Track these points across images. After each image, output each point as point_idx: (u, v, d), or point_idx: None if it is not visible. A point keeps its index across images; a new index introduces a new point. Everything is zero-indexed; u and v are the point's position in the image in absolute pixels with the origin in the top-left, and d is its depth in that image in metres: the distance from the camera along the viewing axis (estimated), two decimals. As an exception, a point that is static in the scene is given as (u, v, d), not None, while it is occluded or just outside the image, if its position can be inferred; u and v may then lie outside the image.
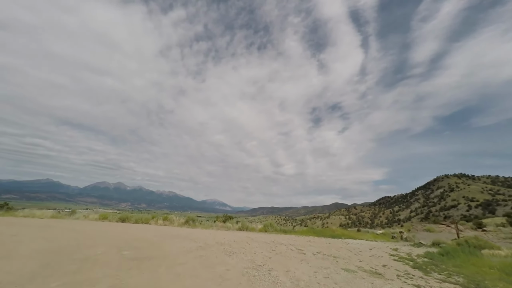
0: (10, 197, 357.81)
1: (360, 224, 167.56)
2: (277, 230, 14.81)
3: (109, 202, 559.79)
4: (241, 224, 15.06)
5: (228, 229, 14.58)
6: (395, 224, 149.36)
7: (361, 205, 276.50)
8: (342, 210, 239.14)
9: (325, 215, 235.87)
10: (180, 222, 14.21)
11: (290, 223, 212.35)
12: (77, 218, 12.88)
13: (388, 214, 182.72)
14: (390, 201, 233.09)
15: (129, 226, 11.05)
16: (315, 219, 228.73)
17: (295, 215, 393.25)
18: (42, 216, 12.36)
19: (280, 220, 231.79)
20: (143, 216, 13.29)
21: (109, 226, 10.01)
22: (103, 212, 13.70)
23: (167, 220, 13.90)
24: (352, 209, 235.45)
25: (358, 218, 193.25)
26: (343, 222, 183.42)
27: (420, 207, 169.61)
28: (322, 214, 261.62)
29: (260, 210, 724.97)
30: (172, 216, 14.29)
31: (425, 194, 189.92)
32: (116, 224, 11.46)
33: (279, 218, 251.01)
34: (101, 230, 8.59)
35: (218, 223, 16.28)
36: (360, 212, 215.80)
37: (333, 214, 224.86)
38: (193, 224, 14.28)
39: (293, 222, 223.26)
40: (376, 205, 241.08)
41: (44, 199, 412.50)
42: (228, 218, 22.15)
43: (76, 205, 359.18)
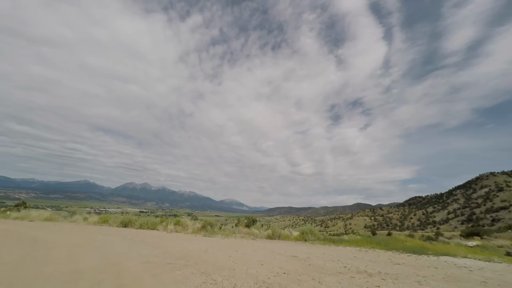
0: (56, 196, 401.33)
1: (388, 226, 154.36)
2: (320, 238, 11.12)
3: (137, 201, 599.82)
4: (271, 230, 11.69)
5: (254, 237, 11.33)
6: (430, 226, 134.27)
7: (387, 205, 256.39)
8: (367, 211, 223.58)
9: (347, 216, 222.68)
10: (195, 227, 11.33)
11: (309, 224, 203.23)
12: (73, 221, 10.66)
13: (421, 216, 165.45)
14: (421, 202, 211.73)
15: (126, 234, 8.35)
16: (336, 219, 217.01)
17: (314, 216, 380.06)
18: (34, 218, 10.44)
19: (298, 221, 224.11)
20: (150, 220, 10.63)
21: (95, 234, 7.37)
22: (105, 215, 11.35)
23: (179, 225, 11.12)
24: (378, 209, 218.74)
25: (385, 220, 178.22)
26: (368, 223, 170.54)
27: (460, 208, 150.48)
28: (344, 215, 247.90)
29: (277, 210, 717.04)
30: (185, 220, 11.48)
31: (465, 194, 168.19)
32: (112, 231, 8.85)
33: (297, 218, 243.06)
34: (73, 242, 5.86)
35: (240, 228, 13.15)
36: (387, 213, 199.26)
37: (356, 215, 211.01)
38: (211, 230, 11.30)
39: (313, 222, 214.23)
40: (405, 205, 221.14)
41: (82, 198, 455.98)
42: (252, 221, 18.97)
43: (108, 204, 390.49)
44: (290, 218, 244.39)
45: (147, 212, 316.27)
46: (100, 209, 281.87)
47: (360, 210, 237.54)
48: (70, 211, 12.63)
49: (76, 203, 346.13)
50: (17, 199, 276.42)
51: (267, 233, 11.91)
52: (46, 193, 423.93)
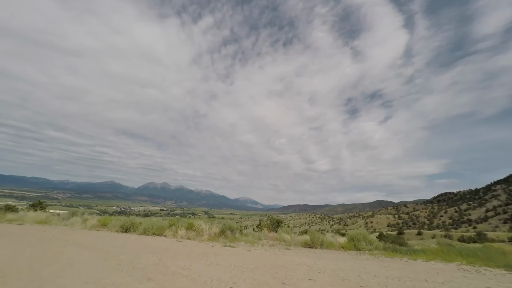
0: (87, 196, 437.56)
1: (415, 225, 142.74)
2: (379, 247, 8.09)
3: (157, 200, 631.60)
4: (309, 236, 8.91)
5: (287, 245, 8.71)
6: (464, 225, 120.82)
7: (412, 202, 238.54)
8: (389, 208, 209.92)
9: (368, 214, 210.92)
10: (212, 232, 8.99)
11: (327, 222, 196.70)
12: (67, 225, 8.90)
13: (453, 213, 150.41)
14: (453, 198, 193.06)
15: (118, 244, 6.14)
16: (355, 217, 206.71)
17: (331, 213, 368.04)
18: (28, 221, 8.91)
19: (315, 219, 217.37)
20: (156, 223, 8.48)
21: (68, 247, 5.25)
22: (106, 217, 9.45)
23: (192, 229, 8.85)
24: (402, 207, 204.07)
25: (411, 218, 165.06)
26: (392, 222, 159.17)
27: (502, 205, 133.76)
28: (364, 213, 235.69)
29: (292, 208, 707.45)
30: (199, 223, 9.18)
31: (507, 189, 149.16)
32: (103, 239, 6.76)
33: (313, 216, 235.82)
34: (20, 263, 3.70)
35: (266, 233, 10.61)
36: (413, 210, 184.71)
37: (377, 213, 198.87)
38: (231, 237, 8.86)
39: (330, 220, 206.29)
40: (433, 202, 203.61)
41: (110, 198, 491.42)
42: (277, 222, 16.30)
43: (132, 203, 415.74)
44: (306, 216, 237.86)
45: (167, 211, 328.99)
46: (125, 207, 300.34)
47: (382, 207, 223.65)
48: (71, 212, 11.06)
49: (104, 202, 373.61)
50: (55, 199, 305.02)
51: (302, 239, 9.18)
52: (79, 193, 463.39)
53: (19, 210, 17.09)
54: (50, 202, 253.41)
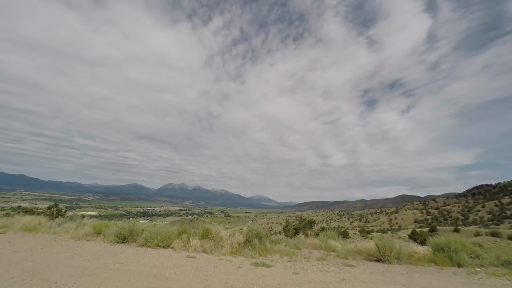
0: (113, 198, 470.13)
1: (447, 221, 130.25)
2: (495, 262, 5.09)
3: (176, 200, 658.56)
4: (376, 243, 6.12)
5: (343, 258, 6.09)
6: (507, 220, 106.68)
7: (441, 196, 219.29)
8: (416, 203, 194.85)
9: (391, 210, 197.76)
10: (235, 242, 6.67)
11: (346, 219, 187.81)
12: (55, 233, 7.14)
13: (492, 208, 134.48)
14: (491, 191, 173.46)
15: (99, 268, 4.00)
16: (377, 214, 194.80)
17: (350, 210, 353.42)
18: (14, 228, 7.38)
19: (333, 215, 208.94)
20: (161, 231, 6.32)
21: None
22: (102, 222, 7.58)
23: (208, 237, 6.62)
24: (430, 201, 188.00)
25: (441, 213, 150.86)
26: (419, 218, 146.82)
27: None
28: (387, 208, 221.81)
29: (308, 205, 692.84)
30: (217, 229, 6.91)
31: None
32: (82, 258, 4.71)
33: (331, 213, 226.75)
34: None
35: (304, 239, 8.04)
36: (444, 205, 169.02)
37: (402, 208, 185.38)
38: (261, 248, 6.43)
39: (350, 217, 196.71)
40: (467, 196, 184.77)
41: (133, 199, 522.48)
42: (308, 223, 13.57)
43: (153, 204, 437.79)
44: (323, 213, 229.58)
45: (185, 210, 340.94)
46: (147, 208, 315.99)
47: (407, 202, 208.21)
48: (68, 217, 9.50)
49: (129, 203, 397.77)
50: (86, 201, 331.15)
51: (363, 248, 6.46)
52: (107, 196, 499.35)
53: (36, 213, 16.36)
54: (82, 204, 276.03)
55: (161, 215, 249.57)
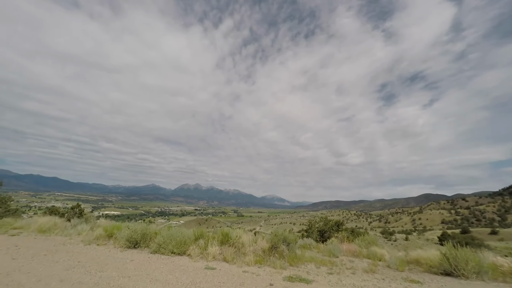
0: (134, 198, 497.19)
1: (480, 222, 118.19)
2: None
3: (191, 200, 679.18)
4: (443, 254, 4.74)
5: (397, 270, 4.80)
6: None
7: (473, 195, 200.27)
8: (442, 203, 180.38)
9: (414, 210, 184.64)
10: (259, 248, 5.67)
11: (364, 219, 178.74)
12: (66, 236, 6.69)
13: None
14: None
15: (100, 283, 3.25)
16: (399, 214, 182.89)
17: (368, 210, 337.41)
18: (33, 229, 7.11)
19: (350, 215, 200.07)
20: (176, 235, 5.50)
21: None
22: (115, 224, 7.02)
23: (228, 243, 5.70)
24: (459, 201, 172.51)
25: (473, 214, 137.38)
26: (447, 218, 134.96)
27: None
28: (409, 208, 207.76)
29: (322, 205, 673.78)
30: (238, 233, 5.97)
31: None
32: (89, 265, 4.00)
33: (347, 213, 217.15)
34: None
35: (337, 244, 6.78)
36: (476, 204, 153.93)
37: (427, 208, 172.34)
38: (290, 255, 5.32)
39: (368, 217, 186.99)
40: (503, 195, 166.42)
41: (152, 199, 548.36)
42: (336, 225, 12.13)
43: (170, 204, 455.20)
44: (339, 212, 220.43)
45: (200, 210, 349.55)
46: (164, 208, 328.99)
47: (431, 202, 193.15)
48: (84, 218, 9.19)
49: (148, 203, 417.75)
50: (110, 202, 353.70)
51: (420, 258, 5.09)
52: (128, 196, 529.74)
53: (60, 213, 16.80)
54: (106, 204, 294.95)
55: (178, 214, 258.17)
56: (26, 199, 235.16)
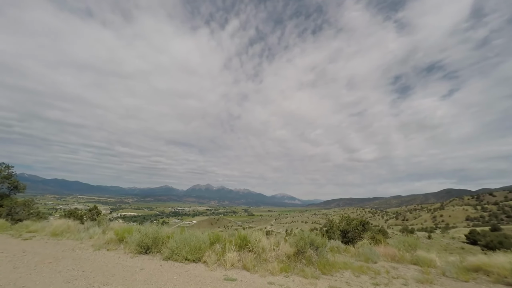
0: (149, 200, 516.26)
1: (510, 218, 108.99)
2: None
3: (203, 200, 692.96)
4: None
5: (458, 280, 3.93)
6: None
7: (501, 189, 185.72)
8: (466, 198, 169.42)
9: (435, 206, 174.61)
10: (282, 253, 4.95)
11: (380, 217, 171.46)
12: (77, 239, 6.38)
13: None
14: None
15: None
16: (417, 211, 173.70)
17: (383, 207, 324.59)
18: (46, 232, 6.93)
19: (364, 213, 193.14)
20: (189, 239, 4.92)
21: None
22: (126, 227, 6.63)
23: (246, 248, 5.05)
24: (486, 196, 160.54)
25: (502, 210, 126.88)
26: (472, 215, 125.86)
27: None
28: (429, 205, 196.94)
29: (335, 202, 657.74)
30: (257, 236, 5.28)
31: None
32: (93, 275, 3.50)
33: (362, 210, 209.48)
34: None
35: (377, 249, 5.90)
36: (505, 200, 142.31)
37: (449, 204, 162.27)
38: (321, 261, 4.54)
39: (384, 215, 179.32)
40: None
41: (165, 200, 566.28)
42: (361, 225, 11.08)
43: (183, 204, 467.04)
44: (353, 210, 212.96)
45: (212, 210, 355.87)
46: (177, 208, 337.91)
47: (454, 197, 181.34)
48: (97, 220, 8.97)
49: (162, 204, 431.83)
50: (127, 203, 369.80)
51: (484, 265, 4.13)
52: (143, 197, 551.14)
53: (78, 215, 17.13)
54: (123, 206, 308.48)
55: (190, 214, 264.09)
56: (52, 202, 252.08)
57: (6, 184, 17.52)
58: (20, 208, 16.15)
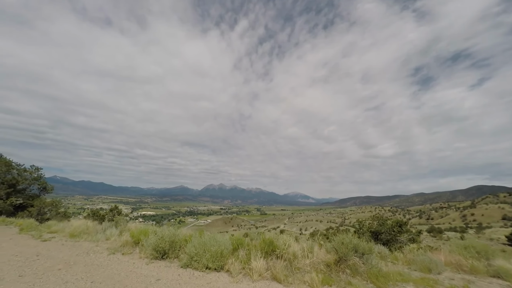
0: (166, 199, 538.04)
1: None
2: None
3: (216, 200, 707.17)
4: None
5: None
6: None
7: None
8: (502, 196, 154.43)
9: (464, 204, 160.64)
10: (319, 260, 4.12)
11: (401, 216, 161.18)
12: (94, 241, 6.08)
13: None
14: None
15: None
16: (444, 209, 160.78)
17: (405, 205, 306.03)
18: (65, 233, 6.79)
19: (384, 212, 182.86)
20: (211, 243, 4.30)
21: None
22: (142, 229, 6.20)
23: (273, 254, 4.29)
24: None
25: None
26: (510, 213, 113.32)
27: None
28: (457, 203, 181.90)
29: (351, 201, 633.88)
30: (287, 240, 4.49)
31: None
32: None
33: (381, 209, 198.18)
34: None
35: (429, 253, 4.86)
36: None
37: (481, 202, 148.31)
38: (372, 274, 3.68)
39: (406, 214, 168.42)
40: None
41: (181, 200, 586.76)
42: (398, 225, 9.80)
43: (198, 203, 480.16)
44: (371, 209, 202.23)
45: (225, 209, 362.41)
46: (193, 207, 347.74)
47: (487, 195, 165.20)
48: (115, 221, 8.78)
49: (178, 203, 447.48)
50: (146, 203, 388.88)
51: None
52: (161, 197, 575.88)
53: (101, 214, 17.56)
54: (143, 205, 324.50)
55: (205, 214, 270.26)
56: (81, 202, 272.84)
57: (36, 185, 18.59)
58: (48, 208, 16.97)
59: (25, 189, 17.97)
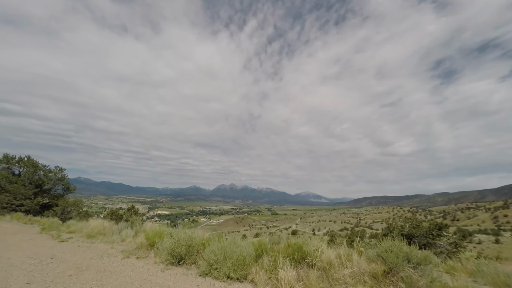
0: (180, 199, 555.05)
1: None
2: None
3: (228, 200, 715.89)
4: None
5: None
6: None
7: None
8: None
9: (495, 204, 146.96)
10: (364, 272, 3.46)
11: (422, 216, 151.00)
12: (110, 242, 5.85)
13: None
14: None
15: None
16: (472, 210, 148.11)
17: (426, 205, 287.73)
18: (83, 233, 6.70)
19: (403, 212, 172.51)
20: (231, 248, 3.79)
21: None
22: (158, 230, 5.87)
23: (305, 262, 3.68)
24: None
25: None
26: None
27: None
28: (487, 203, 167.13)
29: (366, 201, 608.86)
30: (319, 246, 3.87)
31: None
32: None
33: (399, 209, 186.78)
34: None
35: (485, 261, 4.04)
36: None
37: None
38: (432, 284, 2.98)
39: (427, 214, 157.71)
40: None
41: (194, 200, 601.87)
42: (437, 228, 8.69)
43: (210, 203, 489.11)
44: (388, 209, 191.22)
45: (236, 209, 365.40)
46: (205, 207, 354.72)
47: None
48: (130, 221, 8.63)
49: (191, 203, 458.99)
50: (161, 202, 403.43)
51: None
52: (175, 197, 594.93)
53: (119, 214, 17.93)
54: (158, 205, 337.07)
55: (217, 213, 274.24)
56: (102, 202, 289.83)
57: (61, 185, 19.46)
58: (71, 208, 17.65)
59: (51, 189, 18.89)
